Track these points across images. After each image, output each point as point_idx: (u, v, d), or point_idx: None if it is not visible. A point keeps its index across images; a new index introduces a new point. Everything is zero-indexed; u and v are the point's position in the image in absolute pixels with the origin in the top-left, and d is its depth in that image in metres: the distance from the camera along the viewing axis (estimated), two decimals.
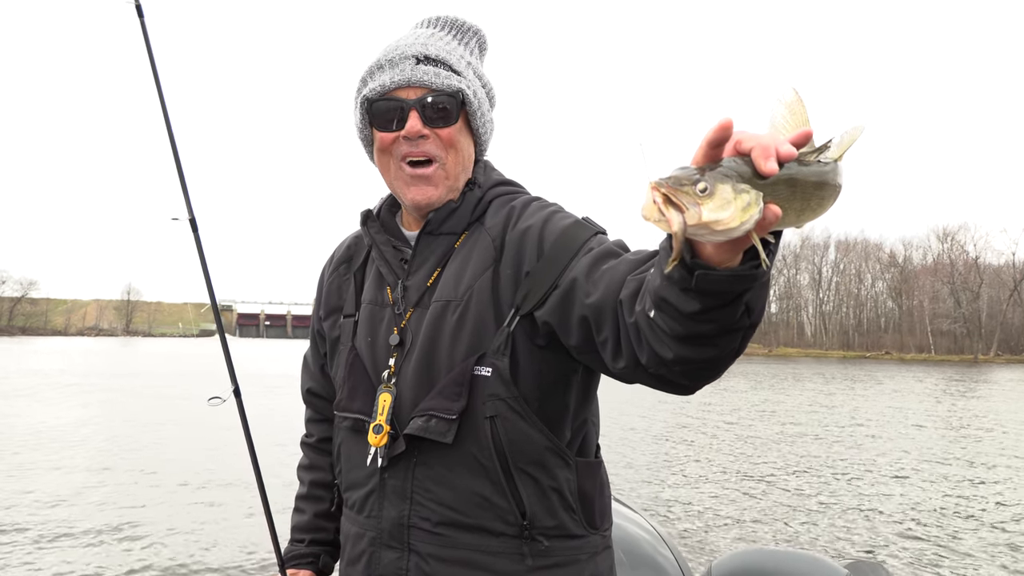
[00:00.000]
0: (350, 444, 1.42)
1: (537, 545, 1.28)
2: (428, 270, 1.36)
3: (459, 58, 1.37)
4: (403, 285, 1.37)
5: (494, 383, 1.25)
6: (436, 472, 1.29)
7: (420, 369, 1.31)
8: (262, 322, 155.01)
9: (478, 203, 1.38)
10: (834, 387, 28.99)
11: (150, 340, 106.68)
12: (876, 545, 6.84)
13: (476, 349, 1.27)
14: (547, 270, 1.23)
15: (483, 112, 1.39)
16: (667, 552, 2.47)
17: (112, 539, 6.61)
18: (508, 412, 1.25)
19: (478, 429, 1.26)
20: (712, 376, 1.01)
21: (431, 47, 1.34)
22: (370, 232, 1.45)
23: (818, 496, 8.82)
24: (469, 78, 1.37)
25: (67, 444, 11.46)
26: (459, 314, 1.29)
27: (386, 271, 1.41)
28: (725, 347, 0.94)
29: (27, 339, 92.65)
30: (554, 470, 1.29)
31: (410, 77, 1.30)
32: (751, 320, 0.92)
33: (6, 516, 7.17)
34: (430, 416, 1.27)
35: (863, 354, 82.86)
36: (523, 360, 1.26)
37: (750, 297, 0.87)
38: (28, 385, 21.79)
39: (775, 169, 0.71)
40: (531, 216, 1.33)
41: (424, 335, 1.31)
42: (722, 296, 0.85)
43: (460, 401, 1.25)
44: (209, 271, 1.93)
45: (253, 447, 1.80)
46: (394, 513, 1.32)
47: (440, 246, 1.37)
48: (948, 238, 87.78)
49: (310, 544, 1.59)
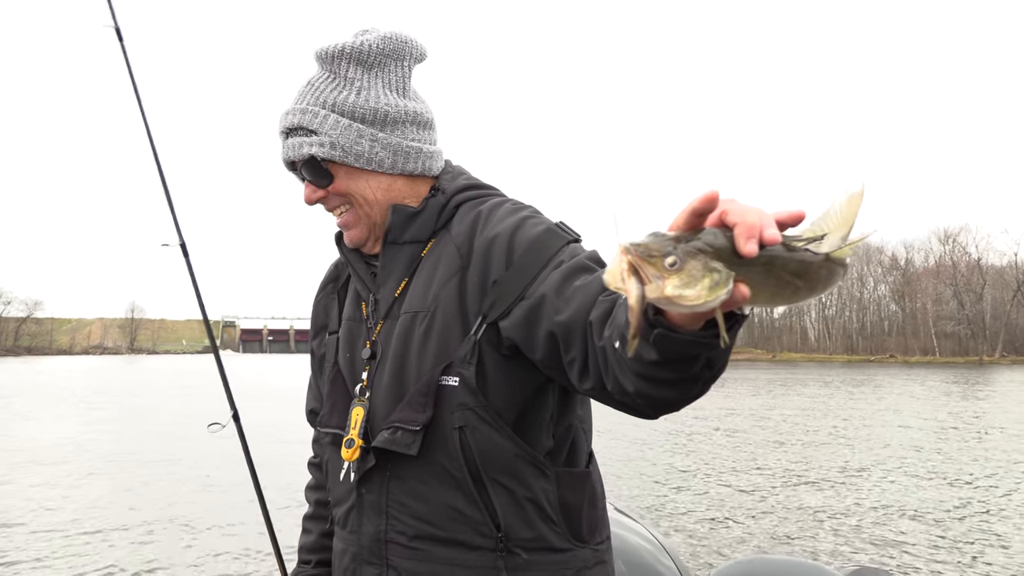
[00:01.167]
0: (332, 460, 1.41)
1: (515, 559, 1.24)
2: (395, 281, 1.35)
3: (314, 111, 1.32)
4: (374, 298, 1.38)
5: (461, 392, 1.23)
6: (410, 485, 1.27)
7: (391, 381, 1.30)
8: (265, 337, 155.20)
9: (443, 209, 1.36)
10: (836, 391, 28.78)
11: (154, 357, 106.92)
12: (882, 553, 6.73)
13: (443, 359, 1.25)
14: (515, 280, 1.20)
15: (359, 152, 1.32)
16: (669, 562, 2.46)
17: (109, 560, 6.61)
18: (477, 422, 1.23)
19: (447, 440, 1.23)
20: (675, 410, 1.01)
21: (290, 116, 1.34)
22: (343, 251, 1.46)
23: (822, 503, 8.71)
24: (326, 130, 1.31)
25: (65, 459, 11.51)
26: (426, 324, 1.27)
27: (360, 287, 1.42)
28: (685, 391, 0.94)
29: (33, 359, 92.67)
30: (528, 480, 1.25)
31: (284, 157, 1.37)
32: (711, 373, 0.92)
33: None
34: (396, 428, 1.25)
35: (867, 358, 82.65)
36: (491, 369, 1.24)
37: (711, 356, 0.87)
38: (39, 403, 21.89)
39: (754, 252, 0.67)
40: (500, 222, 1.29)
41: (394, 347, 1.31)
42: (681, 354, 0.85)
43: (426, 412, 1.23)
44: (201, 293, 1.95)
45: (255, 472, 1.80)
46: (371, 528, 1.32)
47: (405, 256, 1.35)
48: (950, 240, 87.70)
49: (316, 565, 1.59)
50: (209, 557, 6.65)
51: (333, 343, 1.46)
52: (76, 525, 7.56)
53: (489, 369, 1.24)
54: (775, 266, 0.70)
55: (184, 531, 7.52)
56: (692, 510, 8.32)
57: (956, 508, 8.49)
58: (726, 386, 32.15)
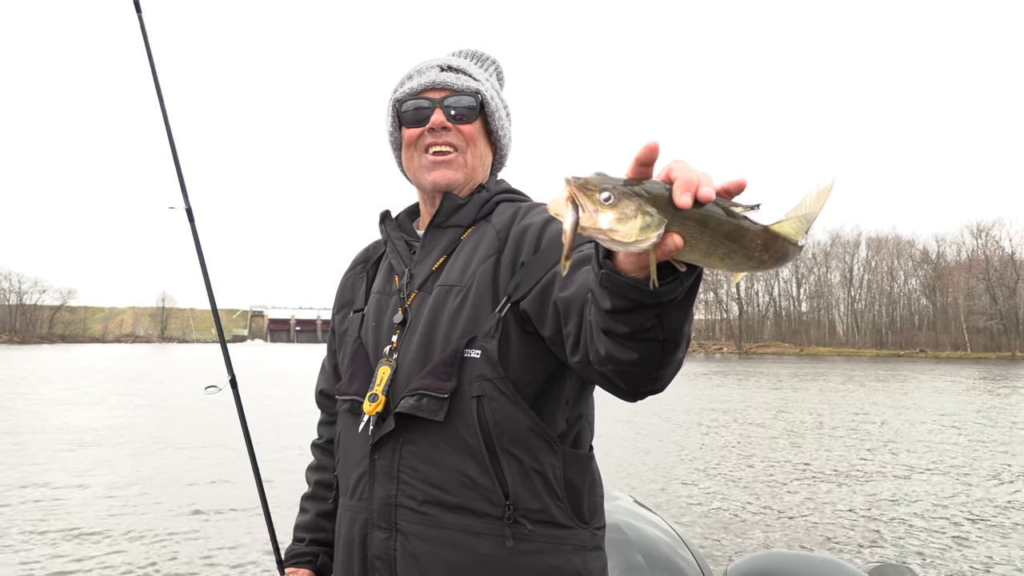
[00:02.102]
0: (347, 427, 1.47)
1: (520, 528, 1.28)
2: (434, 258, 1.45)
3: (478, 73, 1.53)
4: (409, 272, 1.47)
5: (482, 365, 1.29)
6: (423, 451, 1.32)
7: (419, 348, 1.36)
8: (292, 327, 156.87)
9: (485, 203, 1.49)
10: (863, 386, 28.36)
11: (184, 346, 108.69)
12: (905, 549, 6.62)
13: (469, 332, 1.32)
14: (539, 264, 1.29)
15: (500, 117, 1.54)
16: (687, 554, 2.48)
17: (113, 536, 6.80)
18: (494, 392, 1.29)
19: (465, 408, 1.29)
20: (645, 382, 1.05)
21: (454, 61, 1.52)
22: (386, 228, 1.58)
23: (843, 498, 8.61)
24: (486, 87, 1.52)
25: (77, 443, 11.86)
26: (460, 298, 1.36)
27: (396, 262, 1.51)
28: (645, 354, 0.98)
29: (67, 346, 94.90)
30: (538, 453, 1.31)
31: (434, 80, 1.47)
32: (664, 335, 0.95)
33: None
34: (421, 395, 1.31)
35: (897, 352, 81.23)
36: (513, 345, 1.31)
37: (661, 311, 0.92)
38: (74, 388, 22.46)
39: (687, 204, 0.72)
40: (535, 215, 1.41)
41: (426, 316, 1.38)
42: (628, 300, 0.90)
43: (451, 381, 1.29)
44: (205, 259, 2.02)
45: (249, 435, 1.86)
46: (382, 493, 1.35)
47: (446, 237, 1.47)
48: (982, 233, 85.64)
49: (310, 543, 1.62)
50: (204, 533, 6.81)
51: (357, 320, 1.54)
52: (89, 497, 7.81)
53: (511, 345, 1.31)
54: (709, 224, 0.75)
55: (178, 507, 7.72)
56: (711, 503, 8.31)
57: (982, 506, 8.36)
58: (749, 379, 31.92)
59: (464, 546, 1.28)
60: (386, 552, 1.33)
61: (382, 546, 1.34)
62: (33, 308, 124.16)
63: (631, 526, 2.47)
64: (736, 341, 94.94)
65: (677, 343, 0.98)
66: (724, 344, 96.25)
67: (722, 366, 48.76)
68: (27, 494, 8.33)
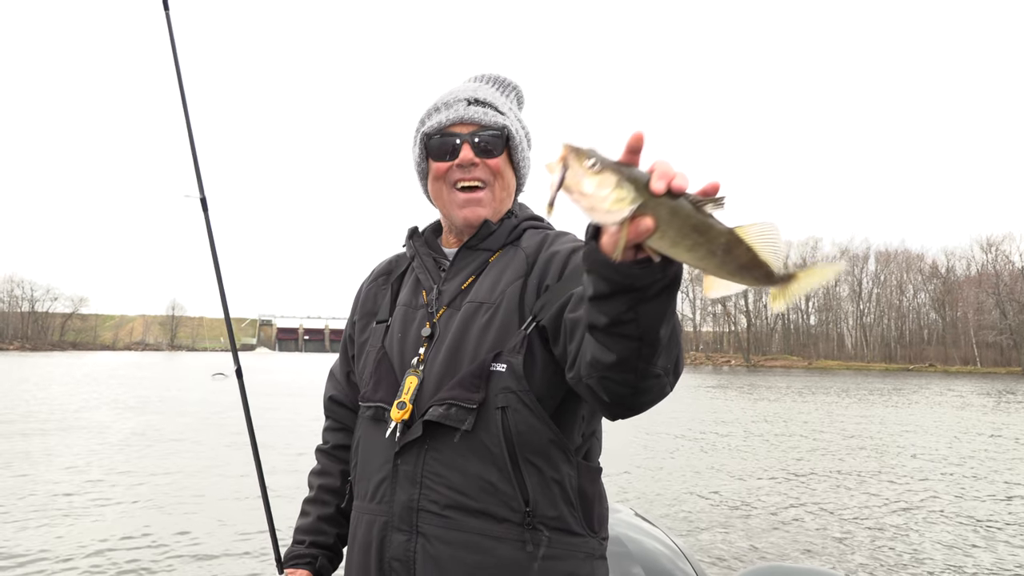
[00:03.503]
0: (369, 433, 1.50)
1: (538, 535, 1.34)
2: (463, 277, 1.52)
3: (503, 104, 1.59)
4: (438, 289, 1.53)
5: (508, 378, 1.35)
6: (447, 458, 1.36)
7: (446, 360, 1.41)
8: (301, 336, 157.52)
9: (513, 229, 1.56)
10: (871, 399, 28.28)
11: (193, 354, 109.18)
12: (908, 566, 6.65)
13: (497, 347, 1.38)
14: (562, 288, 1.36)
15: (523, 149, 1.59)
16: (687, 567, 2.48)
17: (112, 530, 6.89)
18: (518, 404, 1.35)
19: (490, 418, 1.35)
20: (624, 391, 1.11)
21: (480, 92, 1.56)
22: (414, 244, 1.63)
23: (847, 512, 8.67)
24: (511, 119, 1.57)
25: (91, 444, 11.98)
26: (489, 315, 1.42)
27: (424, 277, 1.57)
28: (622, 354, 1.04)
29: (78, 353, 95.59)
30: (557, 463, 1.37)
31: (463, 115, 1.52)
32: (640, 332, 1.01)
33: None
34: (450, 405, 1.36)
35: (906, 366, 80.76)
36: (537, 361, 1.37)
37: (637, 301, 0.98)
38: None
39: (660, 189, 0.82)
40: (563, 243, 1.49)
41: (454, 331, 1.44)
42: (606, 281, 0.97)
43: (480, 392, 1.35)
44: (217, 251, 2.07)
45: (252, 425, 1.90)
46: (404, 497, 1.39)
47: (476, 259, 1.53)
48: (992, 248, 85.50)
49: (310, 546, 1.64)
50: (207, 531, 6.88)
51: (380, 331, 1.58)
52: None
53: (536, 361, 1.37)
54: (678, 214, 0.84)
55: (180, 508, 7.80)
56: (712, 516, 8.33)
57: (988, 523, 8.34)
58: (754, 392, 31.88)
59: (484, 549, 1.32)
60: (405, 554, 1.37)
61: (401, 548, 1.37)
62: (45, 316, 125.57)
63: (631, 539, 2.51)
64: (744, 354, 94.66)
65: (654, 347, 1.03)
66: (732, 357, 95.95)
67: (729, 379, 48.71)
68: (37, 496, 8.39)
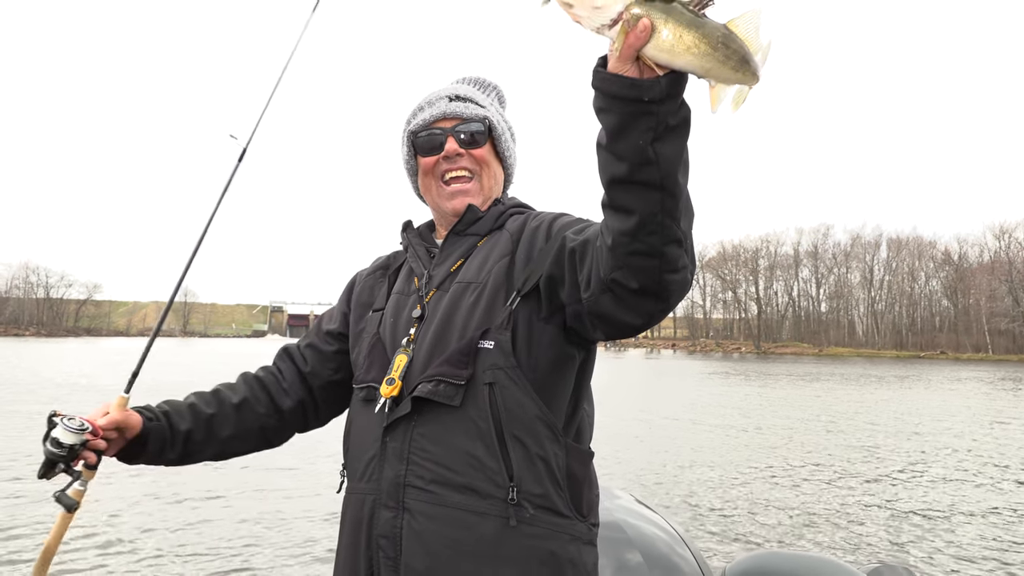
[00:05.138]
0: (360, 414, 1.53)
1: (522, 511, 1.33)
2: (452, 261, 1.56)
3: (483, 99, 1.65)
4: (428, 274, 1.57)
5: (495, 355, 1.38)
6: (433, 432, 1.38)
7: (435, 339, 1.44)
8: (311, 322, 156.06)
9: (500, 216, 1.60)
10: (879, 386, 28.04)
11: (206, 340, 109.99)
12: (905, 549, 6.63)
13: (484, 325, 1.41)
14: (551, 244, 1.41)
15: (506, 140, 1.65)
16: (686, 553, 2.49)
17: (138, 527, 6.84)
18: (505, 380, 1.37)
19: (477, 394, 1.37)
20: (652, 273, 1.11)
21: (460, 90, 1.63)
22: (407, 236, 1.69)
23: (844, 499, 8.61)
24: (492, 112, 1.64)
25: None
26: (477, 294, 1.45)
27: (416, 265, 1.62)
28: (645, 211, 1.06)
29: (92, 339, 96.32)
30: (543, 440, 1.37)
31: (445, 111, 1.58)
32: (661, 175, 1.03)
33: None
34: (439, 381, 1.38)
35: (917, 354, 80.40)
36: (523, 336, 1.40)
37: (653, 133, 1.00)
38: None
39: None
40: (545, 215, 1.55)
41: (443, 310, 1.47)
42: (616, 100, 1.00)
43: (467, 369, 1.38)
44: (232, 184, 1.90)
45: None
46: (391, 473, 1.40)
47: (464, 243, 1.58)
48: (1005, 235, 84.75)
49: (163, 413, 1.57)
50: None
51: (376, 319, 1.63)
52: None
53: (521, 337, 1.40)
54: (672, 13, 0.89)
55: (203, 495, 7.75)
56: (711, 502, 8.36)
57: (985, 508, 8.36)
58: (763, 379, 31.87)
59: (468, 525, 1.33)
60: (392, 530, 1.37)
61: (388, 525, 1.38)
62: (60, 302, 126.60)
63: (631, 525, 2.55)
64: (755, 341, 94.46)
65: (675, 197, 1.06)
66: (742, 344, 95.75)
67: (738, 365, 48.62)
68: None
